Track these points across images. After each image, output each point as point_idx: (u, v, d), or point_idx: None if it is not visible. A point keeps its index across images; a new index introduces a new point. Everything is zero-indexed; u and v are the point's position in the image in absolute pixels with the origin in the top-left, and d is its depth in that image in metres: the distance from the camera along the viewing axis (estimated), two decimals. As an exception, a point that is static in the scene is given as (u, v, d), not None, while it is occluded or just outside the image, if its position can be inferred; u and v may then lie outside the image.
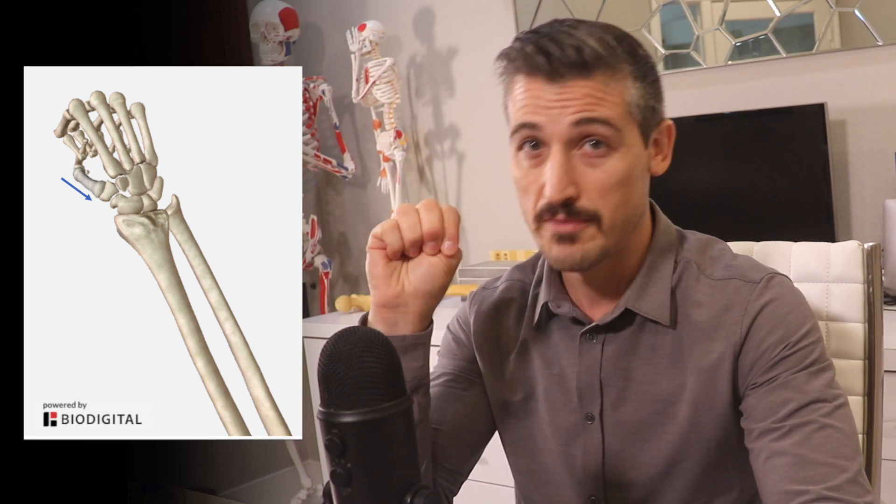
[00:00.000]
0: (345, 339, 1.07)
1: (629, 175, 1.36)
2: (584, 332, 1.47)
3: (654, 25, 3.36)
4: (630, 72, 1.36)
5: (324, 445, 1.06)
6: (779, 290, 1.40)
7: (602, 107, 1.33)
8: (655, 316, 1.43)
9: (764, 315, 1.38)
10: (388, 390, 1.06)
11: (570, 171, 1.33)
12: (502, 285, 1.61)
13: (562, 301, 1.49)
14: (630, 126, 1.36)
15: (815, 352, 1.36)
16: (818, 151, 2.90)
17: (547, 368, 1.52)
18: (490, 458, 1.69)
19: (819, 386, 1.34)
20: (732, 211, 3.09)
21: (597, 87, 1.33)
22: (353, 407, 1.04)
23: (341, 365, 1.05)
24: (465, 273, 3.62)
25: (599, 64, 1.33)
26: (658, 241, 1.47)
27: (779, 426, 1.32)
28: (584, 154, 1.34)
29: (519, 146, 1.39)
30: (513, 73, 1.39)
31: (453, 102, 3.96)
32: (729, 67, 3.26)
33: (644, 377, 1.44)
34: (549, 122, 1.34)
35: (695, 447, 1.42)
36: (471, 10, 3.83)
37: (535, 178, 1.36)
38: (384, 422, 1.05)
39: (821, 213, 2.90)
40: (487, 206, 3.90)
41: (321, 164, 4.02)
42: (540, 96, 1.35)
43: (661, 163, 1.45)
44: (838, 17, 3.02)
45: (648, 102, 1.39)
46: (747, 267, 1.44)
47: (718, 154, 3.16)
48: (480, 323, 1.60)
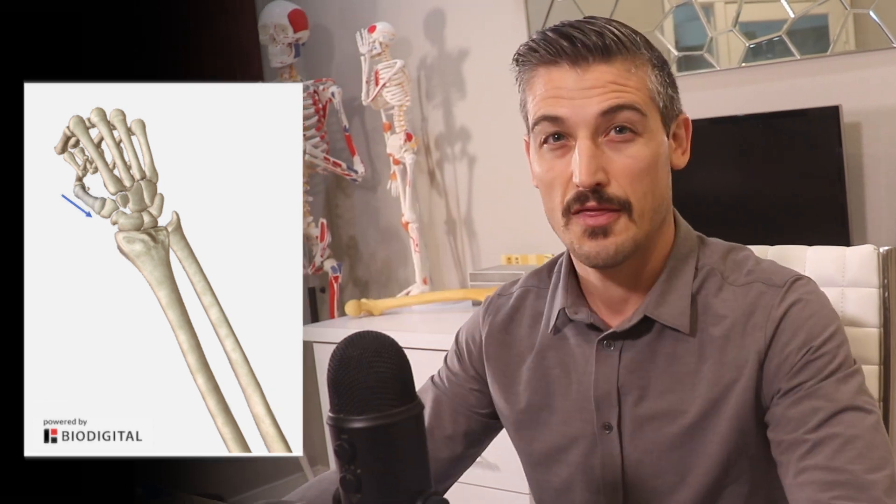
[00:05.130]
0: (354, 343, 1.08)
1: (655, 161, 1.37)
2: (602, 339, 1.45)
3: (666, 27, 3.35)
4: (649, 59, 1.38)
5: (333, 451, 1.06)
6: (802, 293, 1.38)
7: (627, 93, 1.34)
8: (675, 324, 1.41)
9: (787, 319, 1.36)
10: (398, 395, 1.06)
11: (598, 156, 1.34)
12: (517, 291, 1.61)
13: (579, 307, 1.48)
14: (653, 112, 1.38)
15: (839, 356, 1.34)
16: (833, 154, 2.88)
17: (563, 376, 1.50)
18: (502, 464, 1.70)
19: (848, 393, 1.32)
20: (746, 214, 3.07)
21: (619, 74, 1.35)
22: (364, 412, 1.04)
23: (351, 370, 1.05)
24: (477, 277, 3.62)
25: (621, 49, 1.35)
26: (679, 248, 1.46)
27: (808, 438, 1.30)
28: (610, 140, 1.35)
29: (542, 141, 1.39)
30: (533, 66, 1.41)
31: (464, 105, 3.95)
32: (742, 69, 3.24)
33: (663, 385, 1.42)
34: (573, 112, 1.34)
35: (714, 455, 1.39)
36: (482, 12, 3.82)
37: (562, 169, 1.36)
38: (395, 427, 1.05)
39: (836, 216, 2.88)
40: (499, 210, 3.89)
41: (330, 168, 4.01)
42: (562, 86, 1.35)
43: (682, 156, 1.46)
44: (853, 19, 3.00)
45: (668, 91, 1.41)
46: (770, 271, 1.42)
47: (732, 157, 3.14)
48: (494, 335, 1.59)
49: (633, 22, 1.41)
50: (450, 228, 4.07)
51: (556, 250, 1.64)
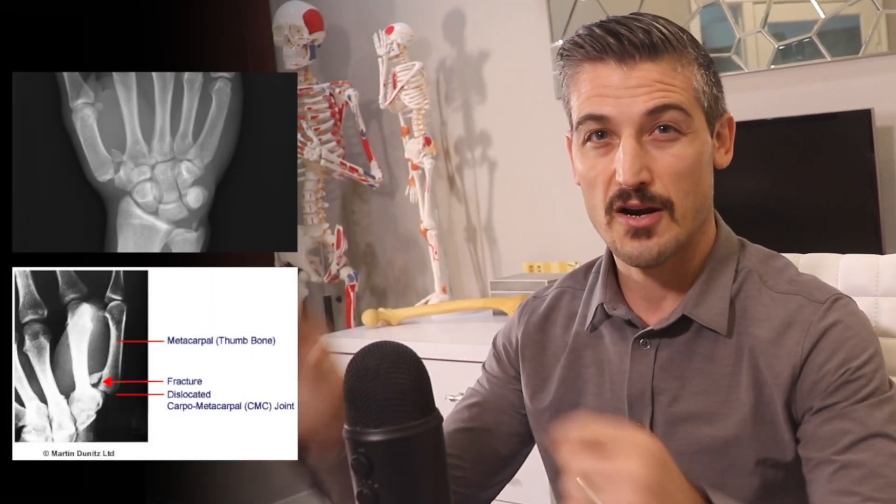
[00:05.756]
0: (371, 354, 1.07)
1: (699, 161, 1.38)
2: (638, 337, 1.46)
3: (693, 28, 3.33)
4: (695, 57, 1.40)
5: (350, 465, 1.05)
6: (843, 313, 1.38)
7: (673, 92, 1.36)
8: (713, 324, 1.42)
9: (827, 338, 1.36)
10: (416, 407, 1.05)
11: (642, 155, 1.35)
12: (553, 293, 1.62)
13: (618, 303, 1.49)
14: (698, 112, 1.39)
15: (875, 380, 1.35)
16: (865, 159, 2.87)
17: (597, 374, 1.51)
18: (523, 479, 1.71)
19: (881, 419, 1.32)
20: (775, 221, 3.06)
21: (665, 73, 1.36)
22: (381, 425, 1.03)
23: (368, 381, 1.05)
24: (498, 286, 3.63)
25: (668, 47, 1.36)
26: (719, 249, 1.47)
27: (836, 459, 1.31)
28: (654, 139, 1.36)
29: (585, 139, 1.40)
30: (578, 62, 1.41)
31: (484, 108, 3.92)
32: (772, 72, 3.23)
33: (698, 387, 1.42)
34: (618, 112, 1.35)
35: (748, 462, 1.39)
36: (503, 12, 3.80)
37: (605, 167, 1.37)
38: (413, 440, 1.04)
39: (867, 223, 2.88)
40: (520, 217, 3.88)
41: (347, 173, 3.99)
42: (608, 84, 1.36)
43: (725, 156, 1.47)
44: (885, 19, 2.98)
45: (713, 91, 1.42)
46: (813, 285, 1.43)
47: (761, 162, 3.12)
48: (529, 335, 1.60)
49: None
50: (470, 235, 4.05)
51: (579, 258, 1.63)
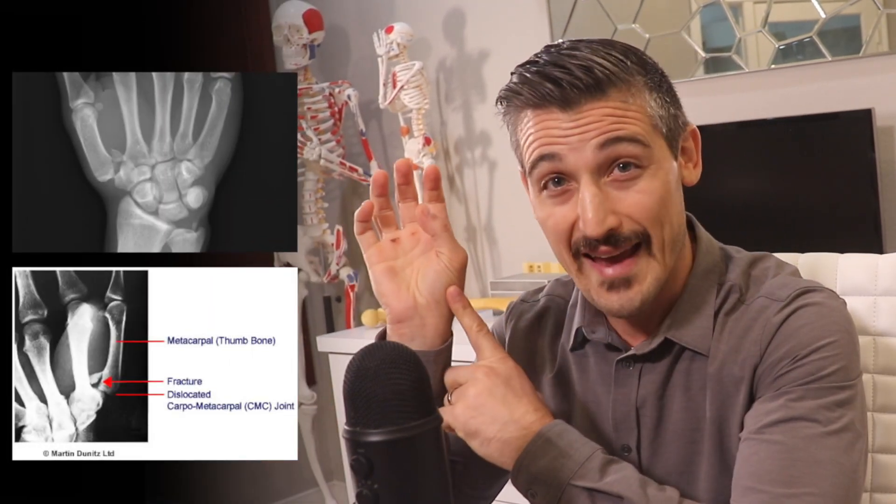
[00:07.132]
0: (371, 354, 1.07)
1: (667, 191, 1.30)
2: (621, 360, 1.41)
3: (694, 28, 3.31)
4: (644, 83, 1.30)
5: (349, 466, 1.05)
6: (802, 303, 1.31)
7: (626, 124, 1.27)
8: (696, 346, 1.36)
9: (781, 331, 1.30)
10: (416, 408, 1.05)
11: (605, 201, 1.27)
12: (542, 300, 1.57)
13: (597, 326, 1.43)
14: (658, 140, 1.30)
15: (826, 368, 1.26)
16: (865, 159, 2.85)
17: (582, 394, 1.47)
18: None
19: (813, 405, 1.24)
20: (775, 221, 3.04)
21: (616, 107, 1.27)
22: (381, 425, 1.03)
23: (367, 381, 1.05)
24: (498, 286, 3.61)
25: (613, 80, 1.27)
26: (700, 264, 1.40)
27: (753, 437, 1.26)
28: (614, 180, 1.28)
29: (541, 186, 1.33)
30: (519, 108, 1.33)
31: (484, 108, 3.91)
32: (772, 71, 3.20)
33: (679, 405, 1.37)
34: (570, 150, 1.27)
35: (729, 477, 1.32)
36: (503, 12, 3.79)
37: (565, 215, 1.31)
38: (413, 441, 1.04)
39: (868, 222, 2.86)
40: (520, 216, 3.83)
41: (347, 173, 3.98)
42: (555, 126, 1.28)
43: (693, 170, 1.40)
44: (886, 19, 2.96)
45: (670, 111, 1.33)
46: (779, 284, 1.36)
47: (761, 162, 3.11)
48: (517, 340, 1.55)
49: (659, 23, 1.34)
50: (470, 235, 4.04)
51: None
